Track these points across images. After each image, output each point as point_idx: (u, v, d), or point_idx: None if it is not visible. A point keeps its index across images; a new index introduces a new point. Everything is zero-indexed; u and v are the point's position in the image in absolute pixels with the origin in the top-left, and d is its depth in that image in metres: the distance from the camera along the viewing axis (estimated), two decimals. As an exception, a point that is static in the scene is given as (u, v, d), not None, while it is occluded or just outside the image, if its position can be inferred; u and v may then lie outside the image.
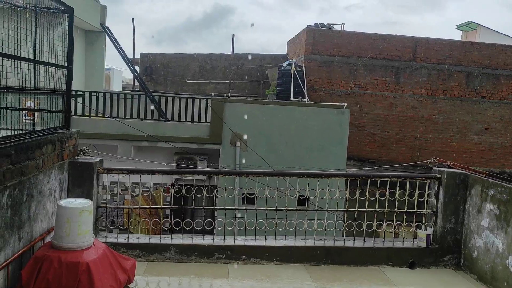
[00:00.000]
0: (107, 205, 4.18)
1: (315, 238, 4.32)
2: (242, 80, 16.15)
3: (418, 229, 4.33)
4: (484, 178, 3.91)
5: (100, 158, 4.22)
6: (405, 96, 13.88)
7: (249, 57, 16.02)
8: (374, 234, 4.37)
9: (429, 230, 4.26)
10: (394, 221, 4.33)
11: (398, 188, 4.30)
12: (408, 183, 4.33)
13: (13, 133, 3.09)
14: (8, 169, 2.83)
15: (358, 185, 4.28)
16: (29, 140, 3.19)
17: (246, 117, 9.86)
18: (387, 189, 4.26)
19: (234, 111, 9.93)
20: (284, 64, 13.24)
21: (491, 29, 18.95)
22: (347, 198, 4.33)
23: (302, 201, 5.02)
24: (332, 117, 10.33)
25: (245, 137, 9.81)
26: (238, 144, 9.77)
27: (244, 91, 16.00)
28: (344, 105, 10.38)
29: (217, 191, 4.45)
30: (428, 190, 4.35)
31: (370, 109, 13.85)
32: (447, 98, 13.83)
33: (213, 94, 13.72)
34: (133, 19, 13.95)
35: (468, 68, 13.76)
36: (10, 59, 2.98)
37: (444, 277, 4.09)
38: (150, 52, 16.54)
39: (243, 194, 5.02)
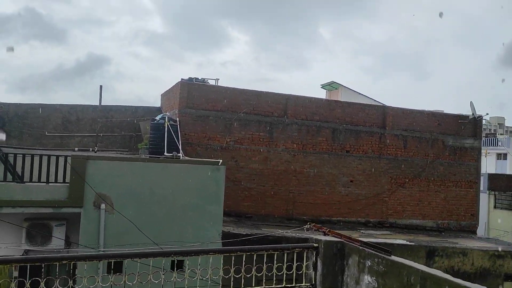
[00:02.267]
0: None
1: (184, 328, 3.68)
2: (112, 133, 15.04)
3: (297, 306, 3.97)
4: (361, 248, 3.75)
5: None
6: (278, 151, 14.22)
7: (117, 110, 15.09)
8: (251, 316, 3.89)
9: (309, 306, 3.93)
10: (273, 299, 3.92)
11: (275, 261, 3.93)
12: (285, 254, 4.00)
13: None
14: None
15: (233, 262, 3.81)
16: None
17: (112, 176, 8.95)
18: (264, 263, 3.87)
19: (99, 169, 8.93)
20: (157, 118, 12.64)
21: (351, 89, 20.94)
22: (221, 277, 3.82)
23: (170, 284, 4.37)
24: (207, 173, 9.91)
25: (112, 198, 8.82)
26: (103, 206, 8.72)
27: (114, 145, 14.87)
28: (219, 162, 10.07)
29: (74, 281, 3.60)
30: (306, 261, 4.06)
31: (246, 163, 13.84)
32: (316, 152, 14.51)
33: (76, 149, 12.43)
34: (-19, 63, 12.16)
35: (333, 125, 14.72)
36: None
37: None
38: (2, 102, 14.59)
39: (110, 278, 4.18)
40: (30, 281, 3.34)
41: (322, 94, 22.96)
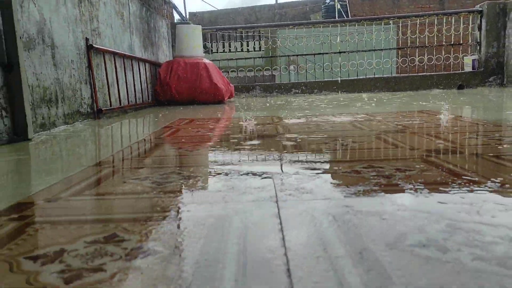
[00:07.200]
0: (202, 60, 5.17)
1: (374, 74, 5.13)
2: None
3: (464, 57, 5.03)
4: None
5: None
6: (452, 22, 14.09)
7: (289, 6, 16.72)
8: (425, 68, 5.10)
9: (474, 56, 4.94)
10: (443, 54, 5.05)
11: (444, 24, 5.00)
12: (453, 19, 5.03)
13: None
14: (143, -7, 3.83)
15: (409, 27, 5.03)
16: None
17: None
18: (435, 25, 4.98)
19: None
20: (328, 0, 13.84)
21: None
22: (400, 39, 5.09)
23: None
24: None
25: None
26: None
27: (289, 38, 16.70)
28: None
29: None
30: (471, 23, 5.03)
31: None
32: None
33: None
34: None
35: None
36: None
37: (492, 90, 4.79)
38: (198, 11, 17.61)
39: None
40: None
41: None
